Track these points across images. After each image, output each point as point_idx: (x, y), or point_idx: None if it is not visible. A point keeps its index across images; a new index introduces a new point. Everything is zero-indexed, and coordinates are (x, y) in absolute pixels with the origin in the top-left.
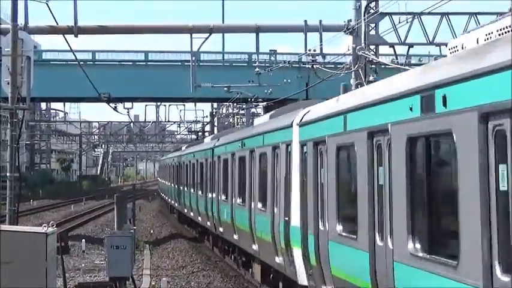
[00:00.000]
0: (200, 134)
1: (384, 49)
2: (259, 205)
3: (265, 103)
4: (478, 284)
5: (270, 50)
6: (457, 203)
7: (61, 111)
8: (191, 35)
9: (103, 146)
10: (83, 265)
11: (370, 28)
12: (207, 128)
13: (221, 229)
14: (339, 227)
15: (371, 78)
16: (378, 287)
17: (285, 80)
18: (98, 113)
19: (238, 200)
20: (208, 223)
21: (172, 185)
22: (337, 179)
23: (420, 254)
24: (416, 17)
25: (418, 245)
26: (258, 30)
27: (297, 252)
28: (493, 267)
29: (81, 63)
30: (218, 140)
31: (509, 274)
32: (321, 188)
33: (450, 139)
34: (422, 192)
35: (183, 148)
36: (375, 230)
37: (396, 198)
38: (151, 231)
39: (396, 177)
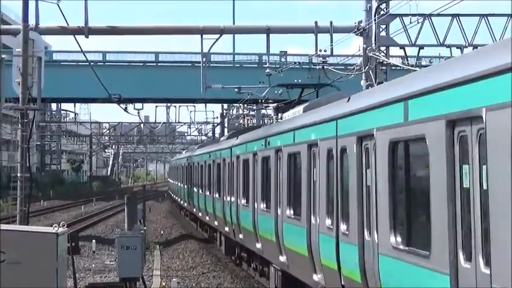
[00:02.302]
0: (210, 135)
1: (394, 50)
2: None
3: (275, 104)
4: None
5: (281, 51)
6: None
7: (71, 112)
8: (202, 36)
9: (113, 147)
10: (93, 265)
11: (381, 29)
12: (217, 129)
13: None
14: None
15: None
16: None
17: (295, 81)
18: (108, 113)
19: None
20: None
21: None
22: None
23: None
24: (426, 18)
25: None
26: (268, 31)
27: None
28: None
29: (92, 64)
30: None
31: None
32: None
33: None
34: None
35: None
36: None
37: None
38: (162, 232)
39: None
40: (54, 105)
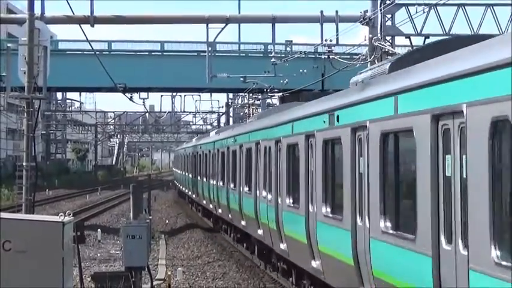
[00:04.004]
0: (216, 124)
1: (400, 40)
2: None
3: (281, 93)
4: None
5: (286, 41)
6: None
7: (77, 101)
8: (207, 25)
9: (118, 136)
10: (98, 255)
11: (387, 19)
12: (223, 118)
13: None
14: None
15: None
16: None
17: (300, 71)
18: (113, 103)
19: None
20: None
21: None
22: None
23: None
24: (432, 7)
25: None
26: (274, 20)
27: None
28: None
29: (97, 53)
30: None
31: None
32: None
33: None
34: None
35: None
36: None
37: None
38: (167, 221)
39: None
40: (59, 95)
